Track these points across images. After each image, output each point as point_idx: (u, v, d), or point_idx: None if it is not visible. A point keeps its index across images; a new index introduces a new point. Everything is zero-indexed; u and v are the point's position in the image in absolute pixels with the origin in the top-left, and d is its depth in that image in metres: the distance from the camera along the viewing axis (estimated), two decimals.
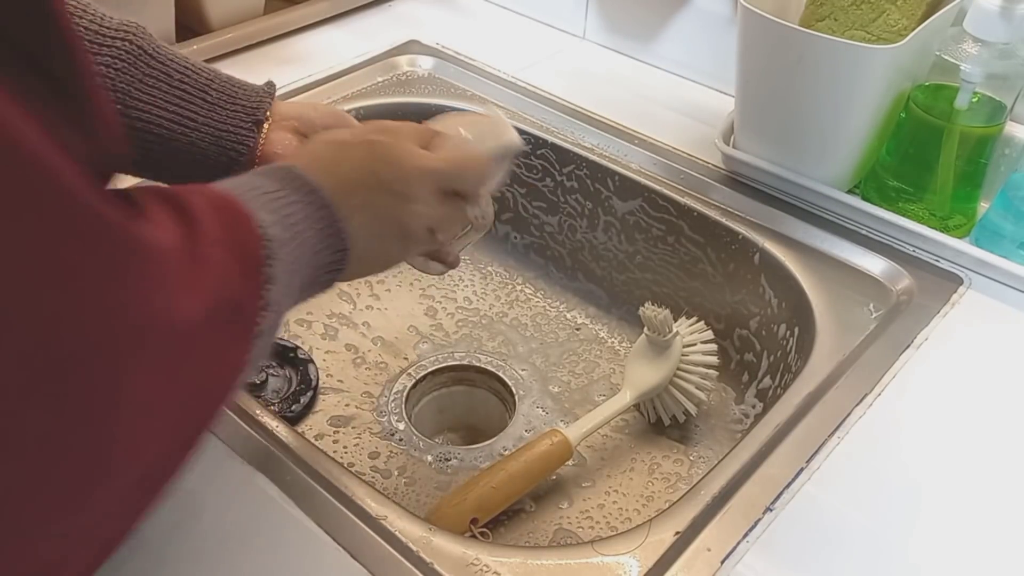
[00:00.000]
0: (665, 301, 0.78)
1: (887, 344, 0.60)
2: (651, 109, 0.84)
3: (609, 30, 0.94)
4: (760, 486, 0.50)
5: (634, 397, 0.67)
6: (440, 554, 0.45)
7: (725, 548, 0.46)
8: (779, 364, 0.68)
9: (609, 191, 0.79)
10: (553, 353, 0.79)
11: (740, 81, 0.72)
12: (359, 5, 0.99)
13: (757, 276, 0.70)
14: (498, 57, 0.91)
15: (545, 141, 0.81)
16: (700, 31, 0.86)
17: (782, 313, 0.68)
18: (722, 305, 0.74)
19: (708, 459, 0.69)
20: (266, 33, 0.91)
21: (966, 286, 0.64)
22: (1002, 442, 0.54)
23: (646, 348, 0.69)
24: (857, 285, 0.65)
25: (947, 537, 0.48)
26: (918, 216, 0.69)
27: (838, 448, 0.52)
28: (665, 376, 0.67)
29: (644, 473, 0.68)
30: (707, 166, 0.76)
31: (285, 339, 0.75)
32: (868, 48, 0.63)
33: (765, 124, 0.72)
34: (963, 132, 0.66)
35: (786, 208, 0.71)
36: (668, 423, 0.70)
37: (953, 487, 0.51)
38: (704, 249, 0.74)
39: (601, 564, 0.46)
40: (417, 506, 0.64)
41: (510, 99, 0.85)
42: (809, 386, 0.57)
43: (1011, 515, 0.49)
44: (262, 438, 0.51)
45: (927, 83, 0.68)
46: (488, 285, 0.86)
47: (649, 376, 0.68)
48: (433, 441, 0.71)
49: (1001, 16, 0.61)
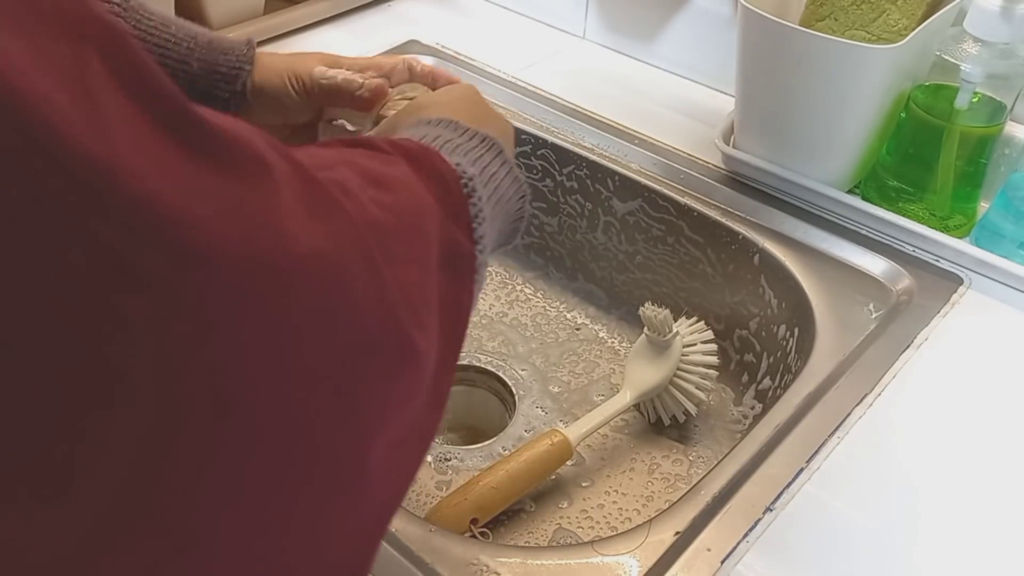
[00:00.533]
0: (665, 301, 0.78)
1: (887, 344, 0.60)
2: (651, 109, 0.84)
3: (609, 30, 0.94)
4: (760, 486, 0.50)
5: (634, 397, 0.67)
6: (440, 554, 0.45)
7: (725, 548, 0.46)
8: (779, 364, 0.68)
9: (609, 191, 0.79)
10: (553, 353, 0.79)
11: (740, 81, 0.72)
12: (359, 5, 0.99)
13: (757, 276, 0.70)
14: (498, 57, 0.91)
15: (545, 141, 0.81)
16: (700, 31, 0.86)
17: (782, 313, 0.68)
18: (722, 305, 0.74)
19: (708, 459, 0.69)
20: (266, 33, 0.91)
21: (966, 286, 0.64)
22: (1002, 442, 0.54)
23: (646, 348, 0.69)
24: (857, 285, 0.65)
25: (947, 537, 0.48)
26: (918, 216, 0.69)
27: (838, 448, 0.52)
28: (665, 376, 0.67)
29: (644, 473, 0.68)
30: (707, 166, 0.76)
31: None
32: (868, 48, 0.63)
33: (765, 124, 0.72)
34: (963, 132, 0.66)
35: (786, 208, 0.71)
36: (668, 423, 0.70)
37: (953, 487, 0.51)
38: (704, 249, 0.74)
39: (601, 564, 0.46)
40: (417, 506, 0.64)
41: (510, 99, 0.85)
42: (809, 386, 0.57)
43: (1011, 515, 0.49)
44: None
45: (927, 83, 0.68)
46: (488, 285, 0.86)
47: (649, 376, 0.68)
48: (433, 441, 0.70)
49: (1001, 16, 0.61)
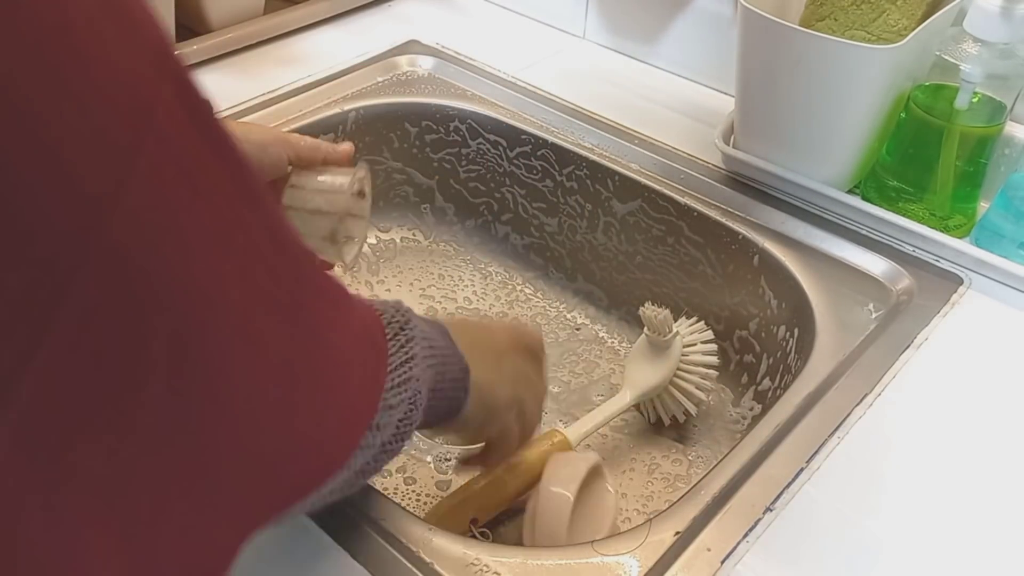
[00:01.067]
0: (665, 301, 0.78)
1: (887, 344, 0.60)
2: (651, 109, 0.84)
3: (609, 30, 0.94)
4: (760, 486, 0.50)
5: (634, 397, 0.67)
6: (440, 554, 0.45)
7: (725, 548, 0.46)
8: (779, 365, 0.68)
9: (609, 191, 0.79)
10: (553, 353, 0.79)
11: (740, 81, 0.72)
12: (359, 5, 0.99)
13: (757, 277, 0.70)
14: (498, 57, 0.91)
15: (545, 141, 0.81)
16: (700, 31, 0.86)
17: (782, 314, 0.68)
18: (722, 306, 0.74)
19: (707, 459, 0.69)
20: (266, 33, 0.91)
21: (966, 286, 0.64)
22: (1002, 442, 0.54)
23: (646, 348, 0.69)
24: (857, 285, 0.65)
25: (947, 537, 0.48)
26: (918, 216, 0.69)
27: (838, 448, 0.52)
28: (665, 376, 0.67)
29: (643, 473, 0.68)
30: (707, 166, 0.76)
31: None
32: (868, 48, 0.63)
33: (765, 124, 0.72)
34: (963, 132, 0.66)
35: (786, 208, 0.71)
36: (668, 423, 0.70)
37: (953, 487, 0.51)
38: (704, 250, 0.74)
39: (601, 564, 0.46)
40: (417, 506, 0.64)
41: (510, 99, 0.85)
42: (809, 386, 0.57)
43: (1011, 515, 0.49)
44: None
45: (927, 83, 0.68)
46: (488, 285, 0.86)
47: (649, 376, 0.68)
48: (433, 441, 0.70)
49: (1001, 16, 0.61)
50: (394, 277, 0.85)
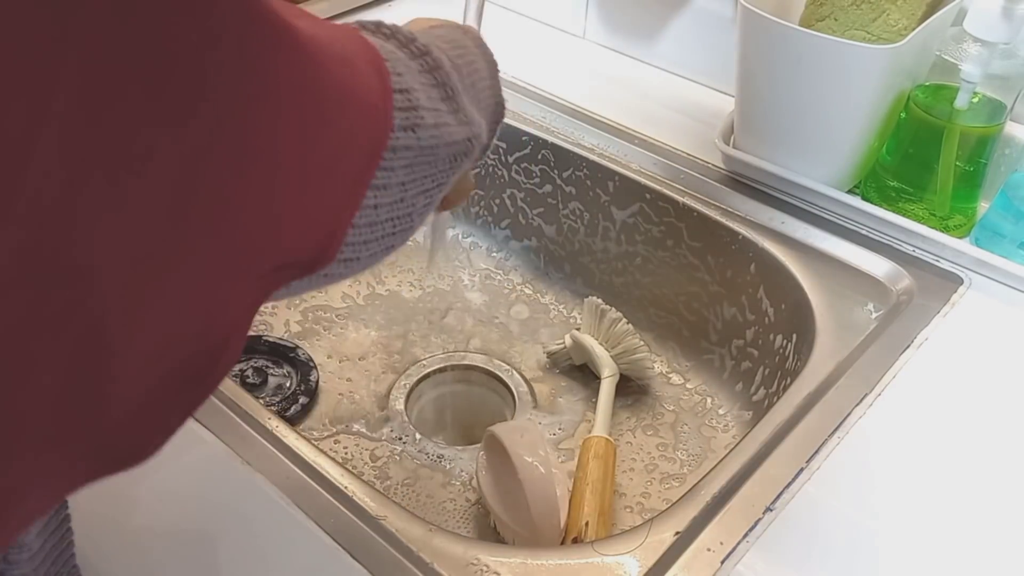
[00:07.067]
0: (664, 303, 0.78)
1: (887, 344, 0.60)
2: (651, 109, 0.84)
3: (609, 30, 0.94)
4: (760, 486, 0.50)
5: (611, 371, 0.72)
6: (440, 554, 0.45)
7: (725, 548, 0.46)
8: (779, 366, 0.68)
9: (609, 191, 0.79)
10: None
11: (740, 81, 0.72)
12: (359, 5, 0.99)
13: (757, 277, 0.70)
14: (498, 57, 0.91)
15: (545, 141, 0.81)
16: (700, 31, 0.86)
17: (782, 314, 0.68)
18: (721, 306, 0.74)
19: (706, 459, 0.69)
20: None
21: (966, 286, 0.64)
22: (1002, 442, 0.54)
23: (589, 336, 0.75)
24: (857, 285, 0.65)
25: (947, 537, 0.48)
26: (918, 216, 0.69)
27: (838, 448, 0.52)
28: (609, 347, 0.74)
29: (643, 473, 0.68)
30: (707, 166, 0.76)
31: (285, 339, 0.75)
32: (868, 48, 0.63)
33: (765, 124, 0.72)
34: (963, 132, 0.66)
35: (786, 208, 0.71)
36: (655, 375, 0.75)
37: (953, 487, 0.51)
38: (704, 250, 0.74)
39: (601, 564, 0.46)
40: (417, 506, 0.64)
41: (510, 99, 0.84)
42: (809, 386, 0.57)
43: (1011, 515, 0.49)
44: (262, 438, 0.51)
45: (927, 83, 0.68)
46: (487, 285, 0.86)
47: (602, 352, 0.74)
48: (433, 440, 0.71)
49: (1001, 16, 0.61)
50: (394, 277, 0.85)
